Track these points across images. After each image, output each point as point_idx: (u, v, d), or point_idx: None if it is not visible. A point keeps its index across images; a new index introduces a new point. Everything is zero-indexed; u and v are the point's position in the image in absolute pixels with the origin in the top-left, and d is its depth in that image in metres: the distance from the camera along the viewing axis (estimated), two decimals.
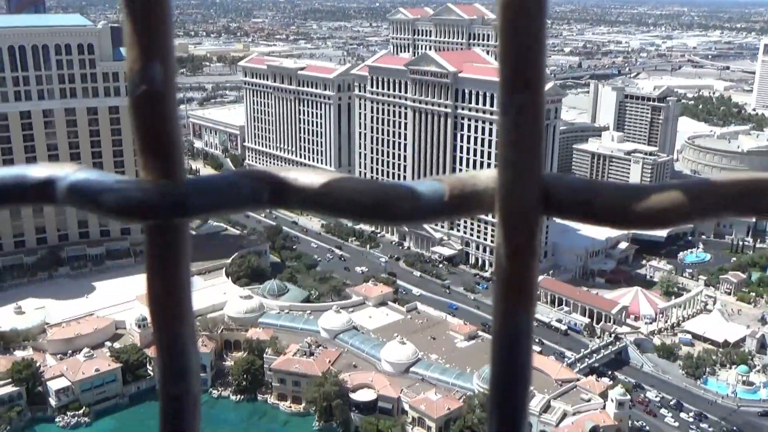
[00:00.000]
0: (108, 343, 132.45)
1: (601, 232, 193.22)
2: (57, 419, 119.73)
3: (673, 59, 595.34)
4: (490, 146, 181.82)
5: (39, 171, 1.87)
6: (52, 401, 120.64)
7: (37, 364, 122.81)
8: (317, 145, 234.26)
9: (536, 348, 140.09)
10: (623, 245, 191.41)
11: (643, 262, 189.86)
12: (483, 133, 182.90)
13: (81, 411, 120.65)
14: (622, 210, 1.76)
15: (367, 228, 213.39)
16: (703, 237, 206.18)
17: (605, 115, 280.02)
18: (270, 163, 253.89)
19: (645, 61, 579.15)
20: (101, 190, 1.81)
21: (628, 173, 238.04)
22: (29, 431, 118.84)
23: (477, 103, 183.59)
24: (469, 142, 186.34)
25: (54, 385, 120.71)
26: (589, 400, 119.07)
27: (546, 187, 1.78)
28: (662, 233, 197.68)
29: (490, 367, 1.85)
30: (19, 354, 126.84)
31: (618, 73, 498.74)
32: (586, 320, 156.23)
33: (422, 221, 1.86)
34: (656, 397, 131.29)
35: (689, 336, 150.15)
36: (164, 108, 1.82)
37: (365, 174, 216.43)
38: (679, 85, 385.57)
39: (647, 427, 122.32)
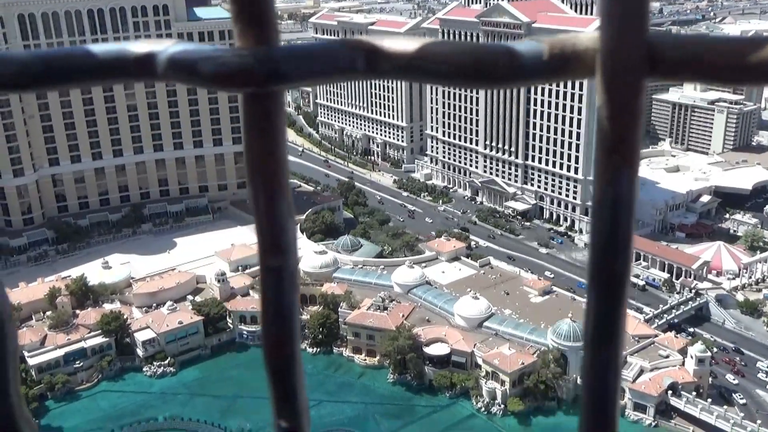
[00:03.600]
0: (190, 297, 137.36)
1: (681, 185, 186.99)
2: (144, 369, 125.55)
3: (763, 1, 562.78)
4: (564, 98, 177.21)
5: (140, 46, 1.91)
6: (140, 352, 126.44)
7: (125, 317, 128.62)
8: (389, 101, 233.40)
9: None
10: (705, 198, 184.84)
11: (727, 215, 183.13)
12: (558, 85, 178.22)
13: (166, 361, 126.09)
14: (738, 64, 1.65)
15: (438, 183, 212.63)
16: None
17: None
18: (342, 119, 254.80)
19: (731, 5, 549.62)
20: (199, 58, 1.84)
21: (712, 124, 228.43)
22: (119, 380, 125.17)
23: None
24: (543, 95, 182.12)
25: (141, 337, 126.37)
26: (667, 357, 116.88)
27: (651, 45, 1.69)
28: (747, 186, 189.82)
29: (591, 234, 1.81)
30: (107, 307, 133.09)
31: (702, 18, 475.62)
32: (665, 275, 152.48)
33: (522, 82, 1.81)
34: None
35: None
36: None
37: (437, 129, 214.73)
38: None
39: (741, 397, 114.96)
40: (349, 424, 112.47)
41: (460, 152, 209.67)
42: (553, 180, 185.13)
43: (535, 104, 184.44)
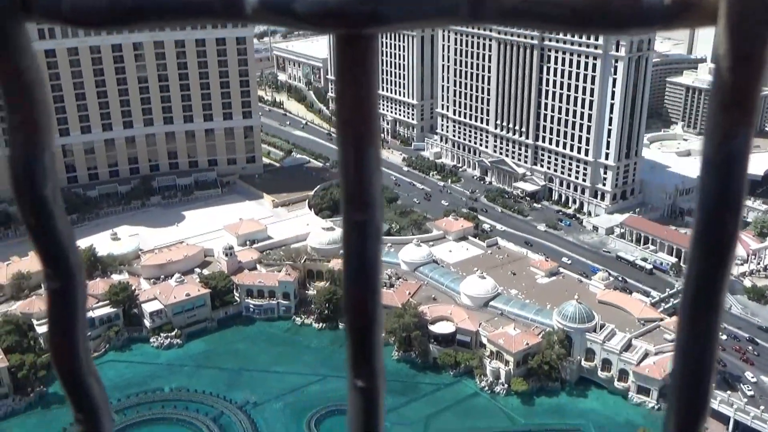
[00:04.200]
0: (197, 270, 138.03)
1: (693, 169, 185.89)
2: (152, 339, 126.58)
3: None
4: (578, 79, 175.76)
5: None
6: (147, 323, 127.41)
7: (132, 288, 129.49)
8: (401, 78, 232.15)
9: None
10: None
11: None
12: (571, 66, 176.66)
13: (173, 333, 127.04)
14: None
15: (448, 162, 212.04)
16: None
17: (703, 46, 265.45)
18: None
19: None
20: None
21: None
22: (126, 350, 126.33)
23: (565, 34, 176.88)
24: (555, 75, 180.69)
25: (148, 308, 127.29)
26: (672, 341, 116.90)
27: None
28: (758, 172, 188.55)
29: (699, 193, 1.68)
30: (115, 277, 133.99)
31: None
32: (673, 259, 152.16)
33: (641, 28, 1.64)
34: None
35: None
36: None
37: (448, 108, 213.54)
38: None
39: (749, 388, 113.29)
40: None
41: (470, 131, 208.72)
42: (563, 161, 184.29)
43: (548, 85, 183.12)
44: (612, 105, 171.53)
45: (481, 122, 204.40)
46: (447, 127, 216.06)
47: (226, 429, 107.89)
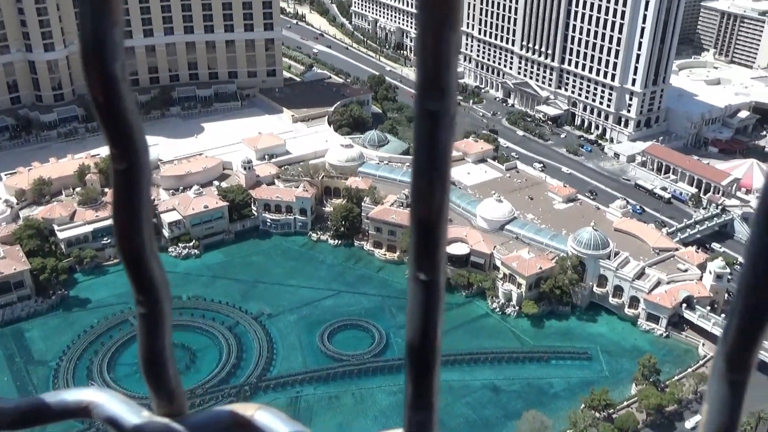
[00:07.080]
0: (216, 182, 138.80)
1: (720, 99, 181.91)
2: (170, 249, 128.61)
3: None
4: (608, 1, 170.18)
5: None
6: (165, 233, 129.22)
7: (152, 198, 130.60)
8: None
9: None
10: (743, 113, 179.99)
11: (764, 132, 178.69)
12: None
13: (191, 243, 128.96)
14: None
15: (471, 82, 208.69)
16: None
17: None
18: (376, 10, 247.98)
19: None
20: None
21: (760, 36, 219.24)
22: None
23: None
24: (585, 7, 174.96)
25: (167, 218, 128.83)
26: (686, 271, 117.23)
27: None
28: None
29: None
30: None
31: None
32: (693, 190, 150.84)
33: None
34: None
35: None
36: None
37: (473, 26, 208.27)
38: None
39: None
40: (366, 315, 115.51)
41: (494, 51, 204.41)
42: (588, 86, 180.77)
43: (577, 5, 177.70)
44: (642, 29, 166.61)
45: (507, 42, 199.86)
46: (471, 46, 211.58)
47: (242, 338, 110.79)
